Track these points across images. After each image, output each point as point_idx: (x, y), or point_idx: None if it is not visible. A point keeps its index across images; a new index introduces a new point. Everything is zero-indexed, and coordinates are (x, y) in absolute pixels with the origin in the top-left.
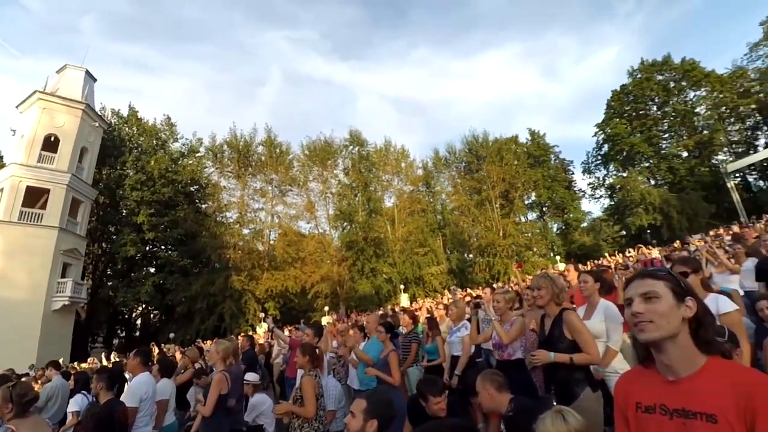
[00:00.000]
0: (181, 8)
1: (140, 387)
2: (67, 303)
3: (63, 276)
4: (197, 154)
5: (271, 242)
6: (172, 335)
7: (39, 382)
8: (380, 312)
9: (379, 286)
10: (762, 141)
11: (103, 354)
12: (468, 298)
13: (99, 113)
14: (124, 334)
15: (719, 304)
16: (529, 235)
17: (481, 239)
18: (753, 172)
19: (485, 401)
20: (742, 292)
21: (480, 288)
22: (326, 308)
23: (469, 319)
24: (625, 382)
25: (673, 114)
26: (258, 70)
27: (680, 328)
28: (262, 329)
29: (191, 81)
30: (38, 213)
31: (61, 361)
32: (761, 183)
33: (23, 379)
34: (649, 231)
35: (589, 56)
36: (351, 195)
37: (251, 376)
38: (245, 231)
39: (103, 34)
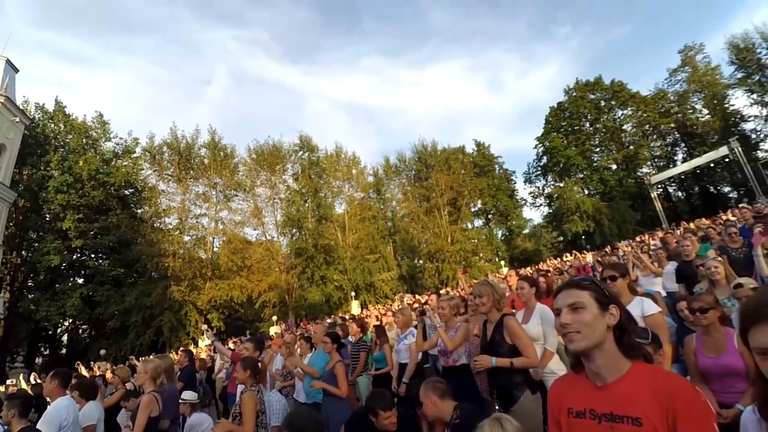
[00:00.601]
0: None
1: (59, 413)
2: None
3: None
4: (133, 155)
5: (215, 250)
6: (103, 352)
7: None
8: (328, 322)
9: (329, 293)
10: (680, 156)
11: (21, 375)
12: (416, 305)
13: (20, 107)
14: (48, 352)
15: (644, 307)
16: (476, 241)
17: (431, 245)
18: (673, 184)
19: (429, 410)
20: (664, 293)
21: (428, 294)
22: (274, 318)
23: (416, 326)
24: (558, 388)
25: (604, 130)
26: (203, 68)
27: (605, 336)
28: (204, 343)
29: (129, 76)
30: None
31: None
32: (679, 193)
33: None
34: (583, 237)
35: (531, 73)
36: (300, 201)
37: (188, 395)
38: (186, 238)
39: (29, 20)
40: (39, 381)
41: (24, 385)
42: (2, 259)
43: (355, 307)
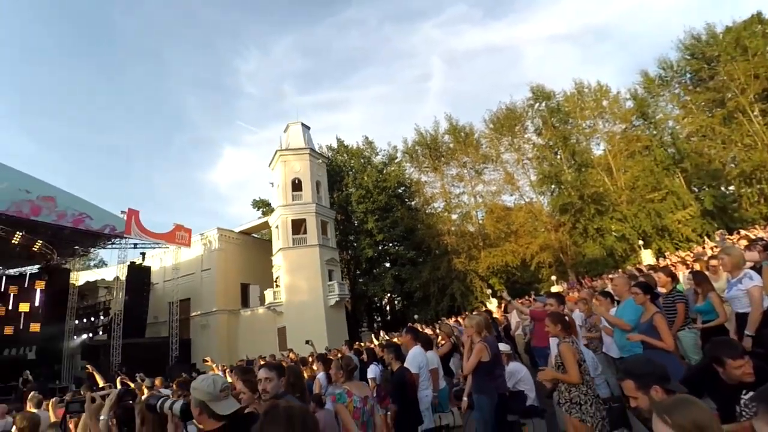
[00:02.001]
0: (344, 44)
1: (416, 357)
2: (337, 299)
3: (330, 280)
4: (396, 161)
5: (480, 222)
6: (416, 317)
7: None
8: (611, 276)
9: (610, 246)
10: None
11: (372, 335)
12: (743, 242)
13: (319, 152)
14: (379, 319)
15: None
16: None
17: (743, 163)
18: None
19: None
20: None
21: (760, 227)
22: (553, 278)
23: (754, 267)
24: None
25: None
26: (420, 66)
27: None
28: (492, 305)
29: (372, 100)
30: (303, 237)
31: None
32: None
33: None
34: None
35: None
36: (551, 155)
37: (504, 347)
38: (454, 216)
39: (300, 91)
40: (386, 338)
41: (376, 342)
42: (339, 258)
43: (647, 257)
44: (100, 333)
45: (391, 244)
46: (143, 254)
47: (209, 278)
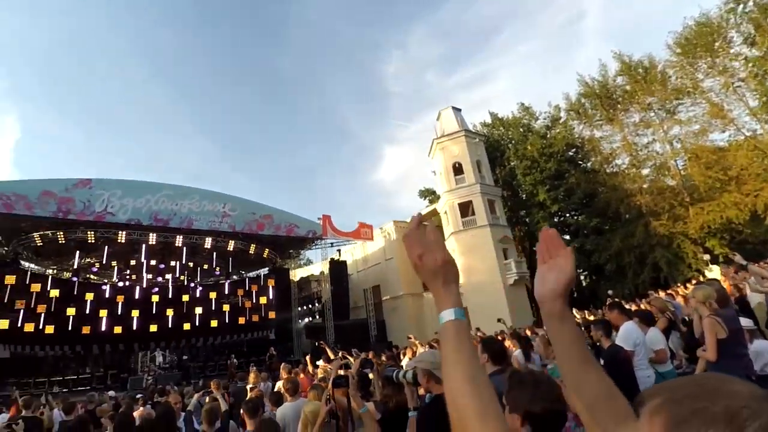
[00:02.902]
0: (474, 14)
1: (630, 333)
2: (516, 278)
3: (505, 258)
4: (560, 121)
5: (682, 172)
6: (610, 292)
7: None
8: None
9: None
10: None
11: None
12: None
13: (474, 131)
14: None
15: None
16: None
17: None
18: None
19: None
20: None
21: None
22: None
23: None
24: None
25: None
26: (567, 7)
27: None
28: (714, 273)
29: (518, 62)
30: (471, 219)
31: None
32: None
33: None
34: None
35: None
36: None
37: (745, 322)
38: (645, 171)
39: (444, 75)
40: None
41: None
42: (512, 235)
43: None
44: (317, 317)
45: (568, 215)
46: (339, 251)
47: (392, 266)
